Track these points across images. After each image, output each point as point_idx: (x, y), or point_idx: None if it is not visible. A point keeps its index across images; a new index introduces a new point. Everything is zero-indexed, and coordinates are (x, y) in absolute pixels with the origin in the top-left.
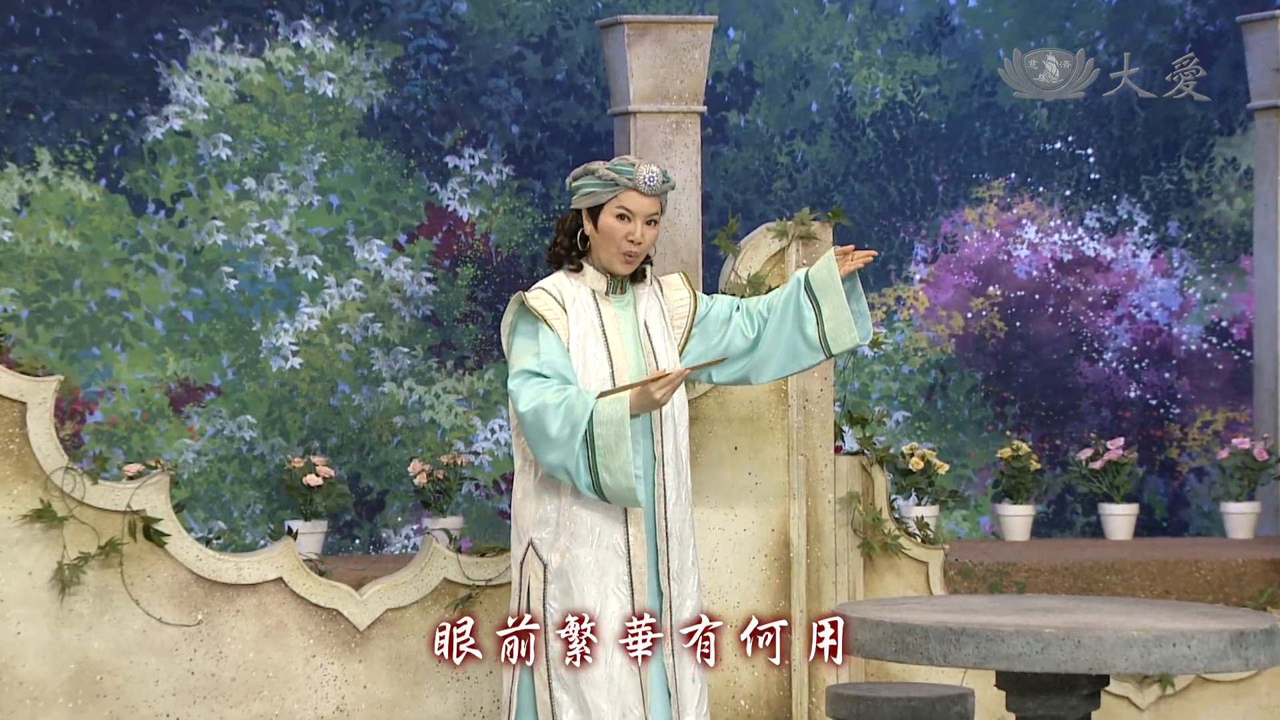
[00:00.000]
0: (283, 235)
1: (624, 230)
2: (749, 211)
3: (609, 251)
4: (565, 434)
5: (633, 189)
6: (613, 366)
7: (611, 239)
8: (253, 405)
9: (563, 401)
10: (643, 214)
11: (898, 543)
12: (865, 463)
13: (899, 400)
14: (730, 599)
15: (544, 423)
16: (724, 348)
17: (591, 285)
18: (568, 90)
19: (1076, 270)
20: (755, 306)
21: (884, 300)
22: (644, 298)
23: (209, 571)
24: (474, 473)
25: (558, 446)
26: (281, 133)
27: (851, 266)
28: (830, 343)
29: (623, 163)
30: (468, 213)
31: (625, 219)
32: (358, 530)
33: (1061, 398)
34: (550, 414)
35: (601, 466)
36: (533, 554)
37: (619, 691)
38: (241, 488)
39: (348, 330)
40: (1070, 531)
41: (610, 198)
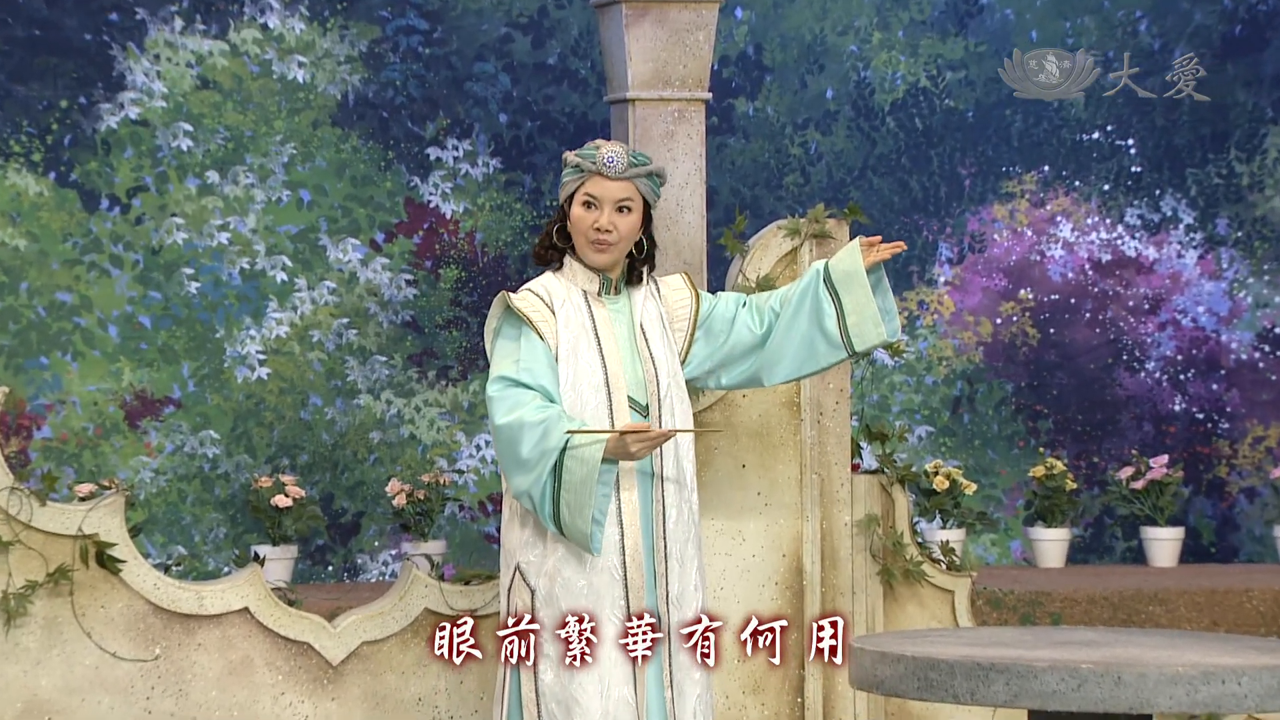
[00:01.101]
0: (249, 234)
1: (589, 219)
2: (758, 208)
3: (580, 243)
4: (535, 457)
5: (596, 173)
6: (607, 372)
7: (579, 228)
8: (216, 419)
9: (541, 422)
10: (609, 200)
11: (920, 570)
12: (885, 482)
13: (922, 414)
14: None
15: (518, 442)
16: (729, 349)
17: (583, 286)
18: (560, 75)
19: (1116, 272)
20: (765, 302)
21: (906, 305)
22: (640, 300)
23: (168, 601)
24: (458, 493)
25: (527, 470)
26: (247, 122)
27: (878, 258)
28: (854, 339)
29: (587, 147)
30: (451, 209)
31: (590, 206)
32: (331, 556)
33: (1100, 411)
34: (526, 433)
35: (563, 501)
36: (519, 579)
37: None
38: (204, 509)
39: (320, 337)
40: (1109, 558)
41: (577, 186)
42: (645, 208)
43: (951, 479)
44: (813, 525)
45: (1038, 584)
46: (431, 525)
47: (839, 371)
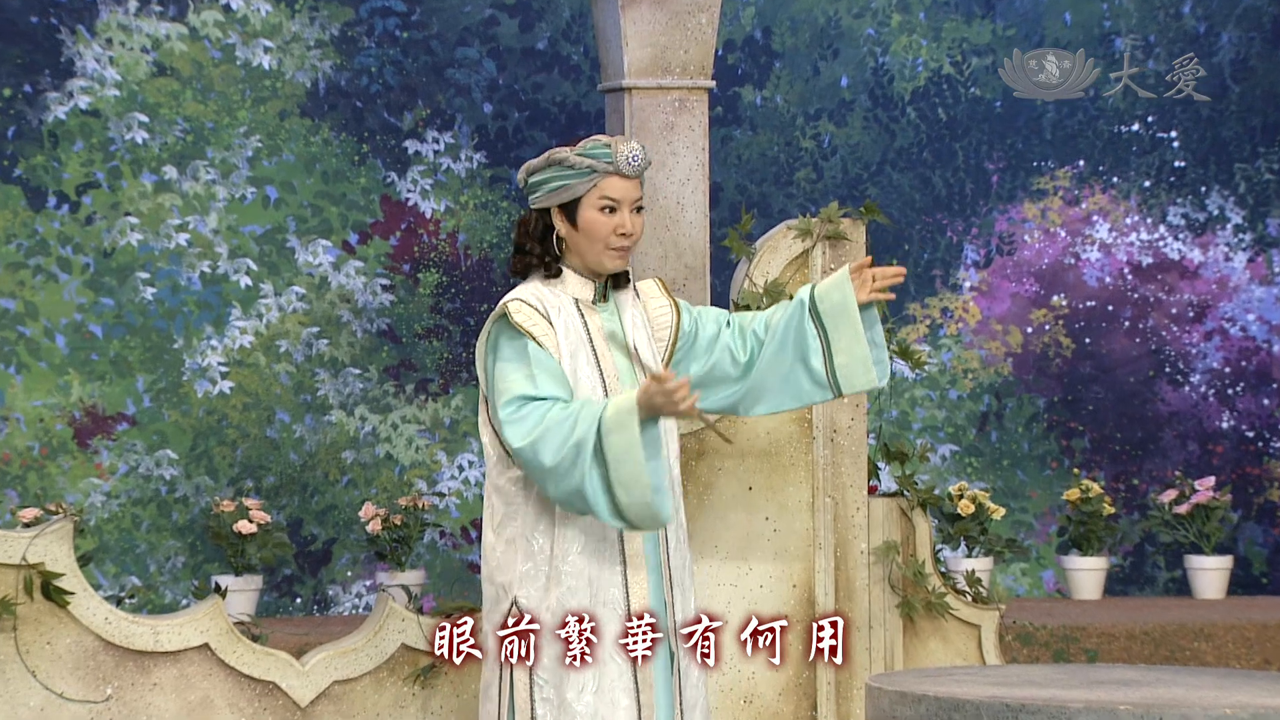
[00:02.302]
0: (210, 235)
1: (613, 224)
2: (766, 206)
3: (595, 250)
4: (571, 455)
5: (614, 173)
6: (606, 388)
7: (596, 235)
8: (174, 438)
9: (568, 417)
10: (629, 201)
11: (944, 602)
12: (905, 506)
13: (945, 431)
14: (744, 669)
15: (544, 451)
16: (708, 372)
17: (575, 294)
18: (550, 62)
19: (1157, 276)
20: (751, 324)
21: (928, 312)
22: (628, 306)
23: (120, 637)
24: (438, 518)
25: (567, 473)
26: (208, 112)
27: (873, 296)
28: (840, 381)
29: (595, 145)
30: (431, 208)
31: (611, 210)
32: (299, 587)
33: (1140, 428)
34: (551, 437)
35: (616, 484)
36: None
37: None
38: (160, 536)
39: (287, 348)
40: (1151, 589)
41: (589, 189)
42: None
43: (978, 503)
44: (826, 554)
45: (1072, 617)
46: (409, 553)
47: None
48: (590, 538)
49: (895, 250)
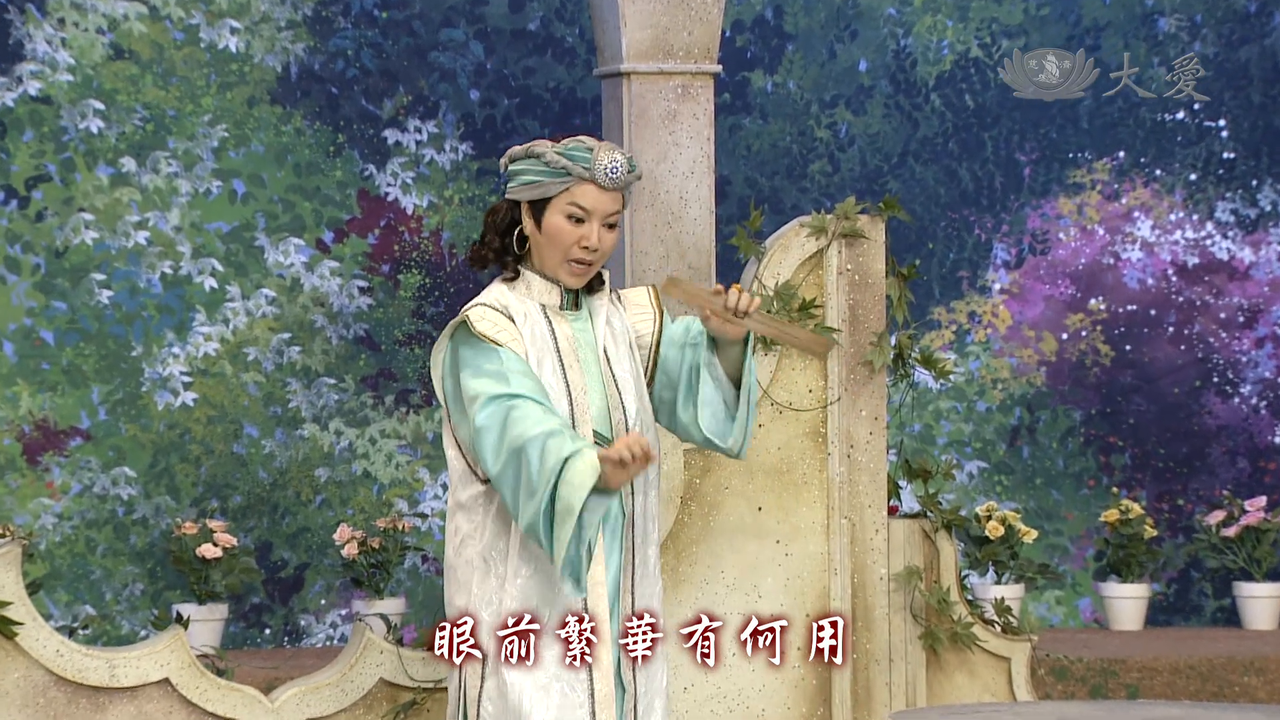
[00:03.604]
0: (172, 232)
1: (575, 235)
2: (777, 202)
3: (553, 259)
4: (540, 482)
5: (589, 181)
6: (572, 402)
7: (558, 243)
8: (132, 454)
9: (550, 434)
10: (600, 214)
11: (971, 632)
12: (928, 528)
13: (973, 446)
14: (754, 706)
15: (521, 467)
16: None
17: (540, 299)
18: (543, 44)
19: (1204, 278)
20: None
21: (954, 317)
22: (601, 311)
23: (73, 671)
24: (420, 541)
25: (530, 498)
26: (170, 99)
27: (735, 329)
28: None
29: (578, 146)
30: (413, 203)
31: (577, 220)
32: (268, 616)
33: (1185, 444)
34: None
35: (557, 538)
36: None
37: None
38: (116, 562)
39: (256, 356)
40: (1197, 619)
41: (560, 190)
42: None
43: (1008, 524)
44: (842, 580)
45: (1111, 650)
46: (388, 580)
47: (873, 397)
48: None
49: (918, 249)
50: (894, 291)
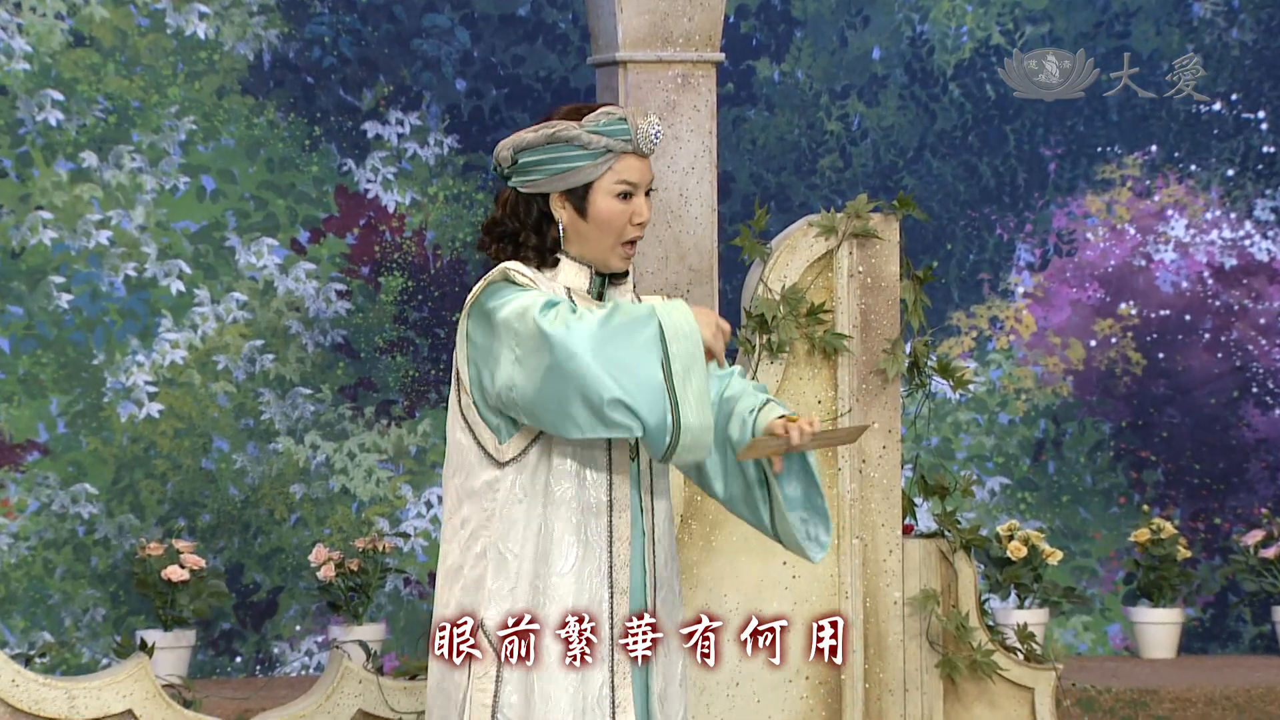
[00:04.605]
0: (136, 232)
1: (627, 212)
2: (785, 199)
3: (605, 244)
4: (639, 350)
5: (631, 153)
6: None
7: (610, 227)
8: (93, 469)
9: (616, 310)
10: (645, 184)
11: (991, 660)
12: (946, 549)
13: (994, 462)
14: None
15: (589, 323)
16: None
17: (567, 283)
18: (533, 31)
19: (1242, 281)
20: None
21: (974, 323)
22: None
23: (29, 702)
24: (402, 562)
25: (630, 367)
26: (134, 89)
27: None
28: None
29: (610, 120)
30: (395, 200)
31: (627, 195)
32: (239, 643)
33: (1222, 459)
34: (616, 326)
35: (681, 399)
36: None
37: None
38: (76, 585)
39: (226, 364)
40: (1234, 646)
41: (603, 171)
42: None
43: (1031, 545)
44: (853, 604)
45: (1142, 679)
46: (368, 604)
47: (886, 408)
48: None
49: (935, 250)
50: (909, 295)
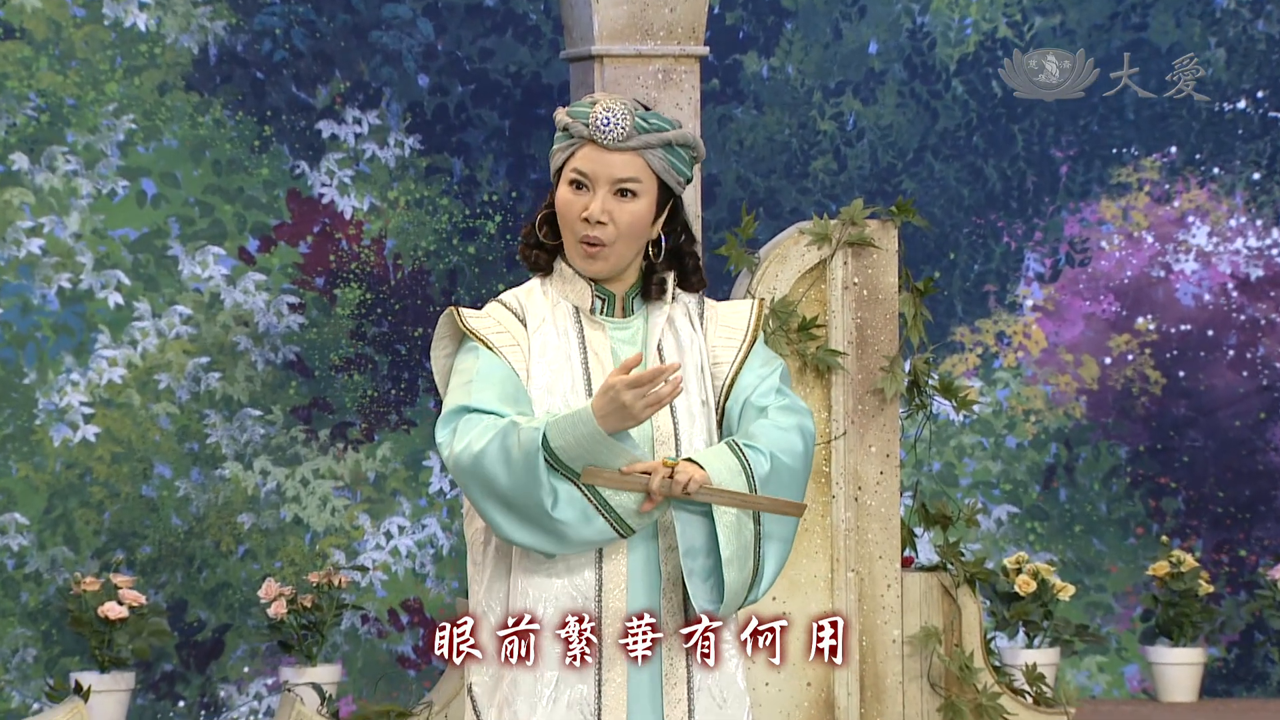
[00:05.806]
0: (71, 240)
1: (577, 206)
2: (774, 204)
3: (568, 242)
4: (523, 481)
5: (588, 140)
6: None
7: (565, 220)
8: (23, 498)
9: (496, 435)
10: (605, 179)
11: (998, 704)
12: (949, 583)
13: (1001, 488)
14: None
15: (494, 477)
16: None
17: (574, 300)
18: (503, 22)
19: (1270, 293)
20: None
21: (979, 338)
22: (661, 323)
23: None
24: (359, 598)
25: (515, 499)
26: (68, 85)
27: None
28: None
29: (581, 103)
30: (352, 206)
31: (580, 187)
32: (182, 686)
33: (1247, 485)
34: (487, 461)
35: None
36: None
37: None
38: (6, 623)
39: (169, 383)
40: (1261, 688)
41: (565, 159)
42: (662, 192)
43: (1041, 579)
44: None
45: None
46: (322, 643)
47: (884, 431)
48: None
49: (937, 260)
50: (908, 309)
